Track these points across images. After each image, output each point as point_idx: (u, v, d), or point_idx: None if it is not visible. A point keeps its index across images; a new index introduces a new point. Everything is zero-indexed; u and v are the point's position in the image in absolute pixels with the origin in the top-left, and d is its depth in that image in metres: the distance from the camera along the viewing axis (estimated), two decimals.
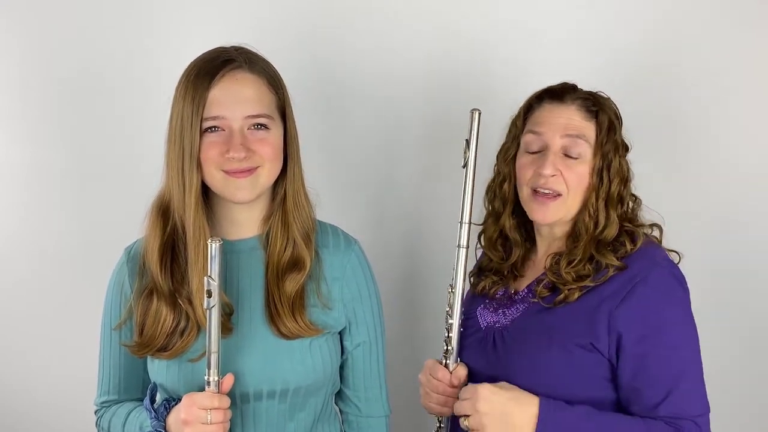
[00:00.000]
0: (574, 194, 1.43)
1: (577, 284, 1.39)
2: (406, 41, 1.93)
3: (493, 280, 1.54)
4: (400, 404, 1.62)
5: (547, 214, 1.44)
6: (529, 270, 1.53)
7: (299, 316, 1.37)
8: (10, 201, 2.11)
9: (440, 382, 1.47)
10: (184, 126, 1.31)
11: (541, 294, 1.43)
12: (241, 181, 1.33)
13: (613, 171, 1.43)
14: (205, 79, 1.31)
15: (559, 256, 1.45)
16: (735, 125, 1.82)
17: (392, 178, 2.00)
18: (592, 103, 1.45)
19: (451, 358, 1.48)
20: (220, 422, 1.28)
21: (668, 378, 1.33)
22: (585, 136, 1.43)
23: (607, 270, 1.39)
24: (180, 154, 1.32)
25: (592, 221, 1.43)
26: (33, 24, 2.03)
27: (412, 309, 2.00)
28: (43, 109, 2.06)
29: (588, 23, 1.86)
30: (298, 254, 1.40)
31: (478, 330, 1.51)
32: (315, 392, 1.41)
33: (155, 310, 1.37)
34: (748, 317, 1.85)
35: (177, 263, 1.37)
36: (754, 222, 1.83)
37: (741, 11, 1.79)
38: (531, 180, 1.44)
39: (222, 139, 1.32)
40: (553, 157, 1.42)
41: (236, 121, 1.32)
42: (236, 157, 1.31)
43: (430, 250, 1.98)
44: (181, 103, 1.32)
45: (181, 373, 1.37)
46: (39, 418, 2.16)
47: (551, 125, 1.44)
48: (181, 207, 1.34)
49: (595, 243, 1.42)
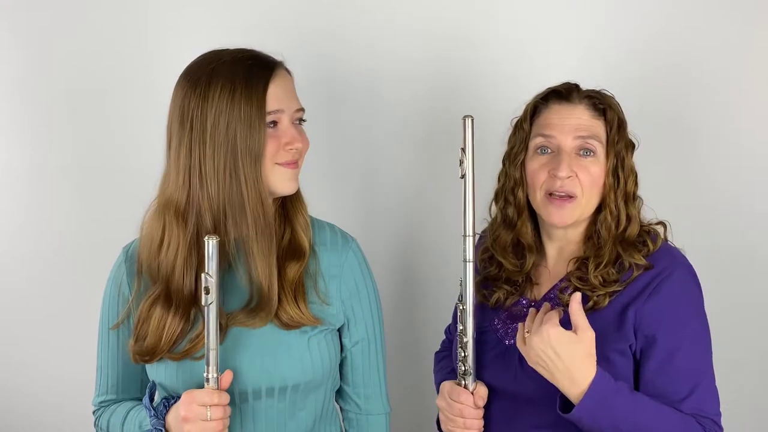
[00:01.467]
0: (589, 194, 1.40)
1: (606, 290, 1.37)
2: (404, 42, 1.94)
3: (507, 291, 1.49)
4: (400, 402, 1.62)
5: (565, 216, 1.41)
6: (543, 276, 1.49)
7: (301, 303, 1.37)
8: (10, 201, 2.11)
9: (464, 405, 1.41)
10: (241, 125, 1.30)
11: (567, 302, 1.37)
12: (292, 171, 1.37)
13: (627, 169, 1.42)
14: (261, 77, 1.33)
15: (585, 260, 1.42)
16: (737, 124, 1.82)
17: (387, 178, 2.01)
18: (599, 102, 1.43)
19: (469, 379, 1.42)
20: (220, 418, 1.28)
21: (694, 373, 1.33)
22: (597, 135, 1.41)
23: (632, 271, 1.37)
24: (232, 154, 1.31)
25: (614, 221, 1.41)
26: (33, 25, 2.04)
27: (411, 307, 2.00)
28: (44, 110, 2.07)
29: (585, 25, 1.87)
30: (297, 241, 1.41)
31: (497, 345, 1.46)
32: (314, 390, 1.41)
33: (159, 319, 1.36)
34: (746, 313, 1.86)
35: (201, 267, 1.34)
36: (756, 221, 1.84)
37: (743, 10, 1.79)
38: (546, 183, 1.41)
39: (279, 133, 1.35)
40: (567, 159, 1.39)
41: (290, 116, 1.37)
42: (299, 148, 1.36)
43: (425, 247, 1.99)
44: (228, 103, 1.31)
45: (179, 372, 1.37)
46: (39, 417, 2.17)
47: (562, 126, 1.41)
48: (236, 209, 1.32)
49: (620, 243, 1.40)
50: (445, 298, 1.50)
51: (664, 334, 1.33)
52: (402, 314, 1.98)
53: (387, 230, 2.01)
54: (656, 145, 1.79)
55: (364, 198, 2.03)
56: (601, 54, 1.86)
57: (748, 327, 1.86)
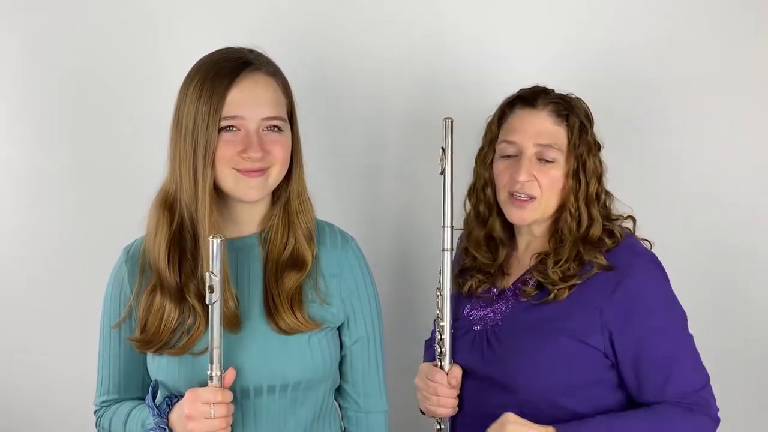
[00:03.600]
0: (548, 196, 1.49)
1: (565, 284, 1.45)
2: (399, 41, 1.96)
3: (480, 279, 1.58)
4: (399, 400, 1.63)
5: (524, 216, 1.50)
6: (513, 267, 1.59)
7: (298, 311, 1.38)
8: (10, 201, 2.11)
9: (438, 384, 1.52)
10: (200, 124, 1.32)
11: (529, 294, 1.49)
12: (253, 180, 1.35)
13: (588, 171, 1.49)
14: (224, 79, 1.33)
15: (545, 255, 1.50)
16: (713, 123, 1.88)
17: (387, 178, 2.02)
18: (563, 107, 1.50)
19: (445, 360, 1.53)
20: (224, 416, 1.29)
21: (665, 360, 1.40)
22: (557, 143, 1.49)
23: (592, 266, 1.45)
24: (193, 151, 1.33)
25: (575, 221, 1.49)
26: (34, 25, 2.04)
27: (409, 305, 2.01)
28: (44, 110, 2.07)
29: (567, 26, 1.91)
30: (299, 253, 1.41)
31: (469, 330, 1.55)
32: (315, 387, 1.42)
33: (159, 306, 1.37)
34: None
35: (184, 258, 1.38)
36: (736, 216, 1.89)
37: (721, 12, 1.84)
38: (507, 185, 1.51)
39: (238, 139, 1.34)
40: (527, 164, 1.48)
41: (254, 122, 1.34)
42: (253, 157, 1.33)
43: (419, 247, 2.01)
44: (196, 100, 1.33)
45: (181, 369, 1.38)
46: (39, 417, 2.16)
47: (524, 133, 1.50)
48: (193, 204, 1.35)
49: (581, 242, 1.47)
50: (436, 305, 1.54)
51: (630, 328, 1.40)
52: (401, 313, 1.99)
53: (386, 229, 2.02)
54: (633, 141, 1.87)
55: (363, 198, 2.03)
56: (581, 56, 1.90)
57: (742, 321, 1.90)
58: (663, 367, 1.40)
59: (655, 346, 1.40)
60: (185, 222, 1.37)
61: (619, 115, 1.85)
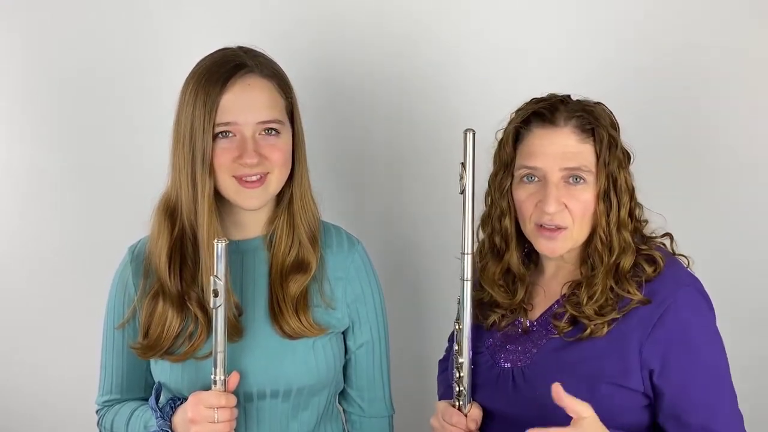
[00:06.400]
0: (580, 224, 1.33)
1: (603, 319, 1.30)
2: (414, 46, 1.93)
3: (502, 314, 1.42)
4: (403, 405, 1.62)
5: (556, 248, 1.34)
6: (539, 297, 1.42)
7: (303, 315, 1.37)
8: (10, 201, 2.11)
9: (455, 427, 1.36)
10: (195, 130, 1.31)
11: (562, 330, 1.33)
12: (253, 191, 1.34)
13: (620, 189, 1.33)
14: (217, 84, 1.31)
15: (577, 286, 1.35)
16: (736, 125, 1.80)
17: (394, 181, 2.00)
18: (587, 121, 1.33)
19: (464, 400, 1.37)
20: (227, 420, 1.29)
21: (709, 401, 1.28)
22: (585, 165, 1.32)
23: (631, 298, 1.30)
24: (190, 158, 1.32)
25: (606, 249, 1.33)
26: (34, 25, 2.03)
27: (416, 309, 2.00)
28: (44, 110, 2.06)
29: (579, 29, 1.85)
30: (304, 256, 1.40)
31: (492, 367, 1.40)
32: (318, 392, 1.42)
33: (161, 312, 1.37)
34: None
35: (186, 265, 1.38)
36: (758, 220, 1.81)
37: (733, 11, 1.78)
38: (534, 216, 1.34)
39: (234, 145, 1.32)
40: (555, 192, 1.31)
41: (249, 127, 1.32)
42: (249, 163, 1.31)
43: (432, 250, 1.97)
44: (191, 107, 1.32)
45: (185, 373, 1.38)
46: (39, 417, 2.16)
47: (546, 156, 1.32)
48: (192, 211, 1.35)
49: (613, 273, 1.32)
50: (450, 301, 1.49)
51: (673, 368, 1.27)
52: (406, 318, 1.98)
53: (391, 233, 2.01)
54: (657, 145, 1.77)
55: (370, 201, 2.02)
56: (595, 60, 1.82)
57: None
58: (705, 409, 1.27)
59: (699, 387, 1.27)
60: (186, 229, 1.37)
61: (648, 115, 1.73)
